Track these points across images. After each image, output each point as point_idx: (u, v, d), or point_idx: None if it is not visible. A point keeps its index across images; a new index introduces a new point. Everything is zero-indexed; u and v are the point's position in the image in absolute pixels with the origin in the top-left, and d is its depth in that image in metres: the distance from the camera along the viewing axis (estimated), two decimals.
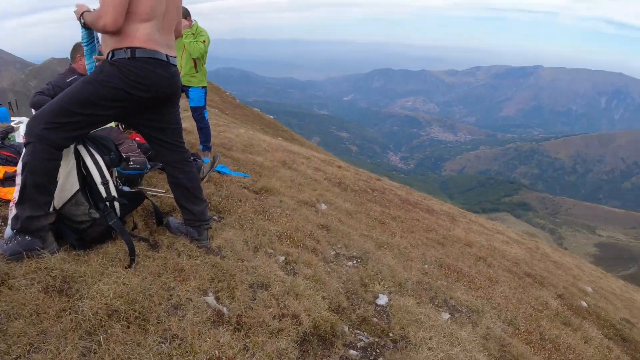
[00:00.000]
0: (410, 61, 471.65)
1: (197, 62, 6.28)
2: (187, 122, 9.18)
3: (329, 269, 3.69)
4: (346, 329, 2.96)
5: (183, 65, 6.24)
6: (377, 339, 3.00)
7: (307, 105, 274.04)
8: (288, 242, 3.84)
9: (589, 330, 5.08)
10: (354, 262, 4.07)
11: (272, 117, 35.32)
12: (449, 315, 3.73)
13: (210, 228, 3.43)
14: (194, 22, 6.19)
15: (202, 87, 6.48)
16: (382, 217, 6.39)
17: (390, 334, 3.09)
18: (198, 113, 6.51)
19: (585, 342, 4.68)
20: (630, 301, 9.77)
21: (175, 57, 3.03)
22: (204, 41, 6.15)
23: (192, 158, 5.26)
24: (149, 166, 4.34)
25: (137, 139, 4.77)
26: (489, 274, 5.67)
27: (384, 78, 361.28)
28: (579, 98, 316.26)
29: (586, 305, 6.46)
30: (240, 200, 4.50)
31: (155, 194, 3.99)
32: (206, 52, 6.29)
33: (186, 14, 6.00)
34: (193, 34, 6.15)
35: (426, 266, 4.80)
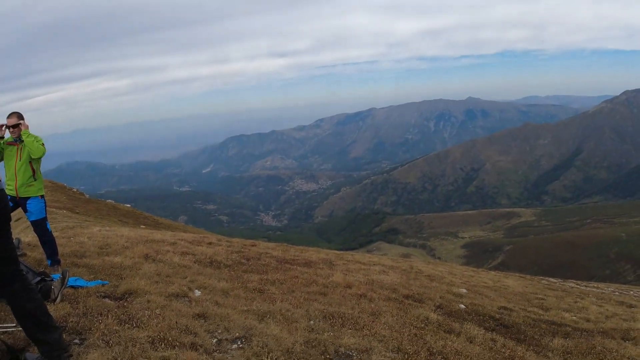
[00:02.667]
0: (260, 124, 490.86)
1: (35, 168, 5.77)
2: (30, 236, 8.08)
3: None
4: None
5: (21, 174, 5.66)
6: None
7: (166, 185, 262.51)
8: (163, 345, 3.57)
9: (470, 330, 5.58)
10: (238, 343, 3.95)
11: (128, 205, 32.92)
12: None
13: (72, 355, 3.15)
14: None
15: (41, 196, 5.90)
16: (261, 285, 6.34)
17: None
18: (40, 226, 5.85)
19: (470, 342, 5.11)
20: (504, 288, 11.02)
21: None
22: (42, 144, 5.71)
23: (39, 279, 4.65)
24: None
25: None
26: (371, 308, 5.97)
27: (239, 144, 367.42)
28: (412, 127, 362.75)
29: (464, 306, 7.13)
30: (102, 314, 4.09)
31: (5, 330, 3.54)
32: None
33: (20, 117, 5.61)
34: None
35: (312, 322, 4.87)
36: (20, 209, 5.91)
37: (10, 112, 5.62)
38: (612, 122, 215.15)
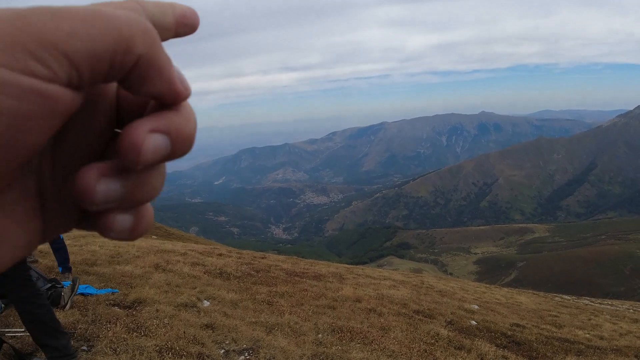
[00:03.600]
0: (272, 137, 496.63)
1: None
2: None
3: None
4: None
5: None
6: None
7: (179, 196, 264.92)
8: (170, 354, 3.57)
9: (481, 347, 5.49)
10: (246, 355, 3.93)
11: None
12: None
13: None
14: None
15: None
16: (270, 297, 6.32)
17: None
18: None
19: (481, 359, 5.03)
20: (516, 305, 10.87)
21: None
22: None
23: (49, 285, 4.71)
24: (2, 305, 3.99)
25: None
26: (380, 323, 5.91)
27: (251, 156, 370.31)
28: (424, 141, 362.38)
29: (475, 323, 7.03)
30: (110, 322, 4.11)
31: (14, 334, 3.57)
32: None
33: None
34: None
35: (320, 335, 4.83)
36: None
37: None
38: (626, 136, 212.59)
